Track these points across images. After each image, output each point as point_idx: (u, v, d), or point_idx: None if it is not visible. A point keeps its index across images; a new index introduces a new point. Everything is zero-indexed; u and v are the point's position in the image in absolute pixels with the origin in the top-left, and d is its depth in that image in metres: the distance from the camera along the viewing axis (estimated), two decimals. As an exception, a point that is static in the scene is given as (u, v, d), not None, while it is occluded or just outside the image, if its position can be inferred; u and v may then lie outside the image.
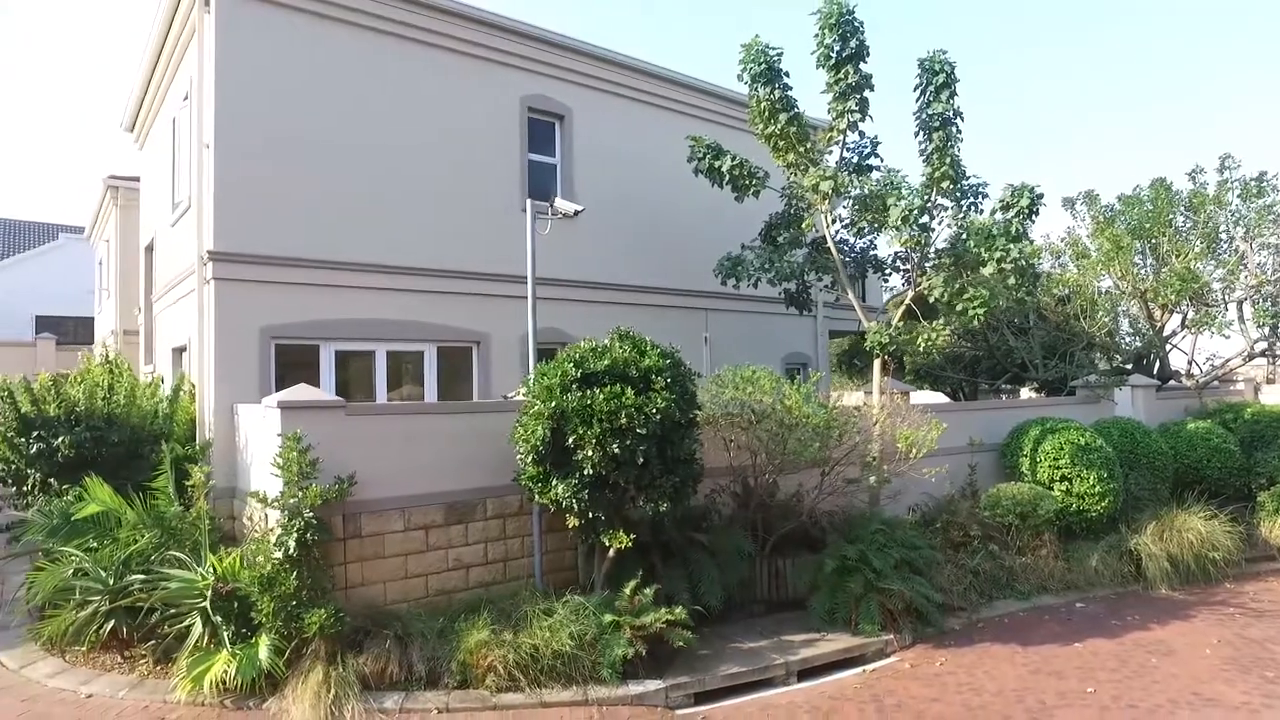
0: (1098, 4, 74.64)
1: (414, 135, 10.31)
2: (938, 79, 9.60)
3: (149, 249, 14.06)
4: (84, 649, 7.29)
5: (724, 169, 10.42)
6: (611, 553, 7.58)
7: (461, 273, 10.49)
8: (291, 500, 6.68)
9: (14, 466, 8.29)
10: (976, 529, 10.08)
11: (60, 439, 8.02)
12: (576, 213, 8.66)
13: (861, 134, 10.21)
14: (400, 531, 7.48)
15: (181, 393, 9.49)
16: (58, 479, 8.13)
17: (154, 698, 6.57)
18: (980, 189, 10.09)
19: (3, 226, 33.39)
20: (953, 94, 9.60)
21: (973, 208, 10.06)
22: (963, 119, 9.71)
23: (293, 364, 9.32)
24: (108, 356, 9.35)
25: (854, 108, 9.64)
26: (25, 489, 8.46)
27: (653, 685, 6.88)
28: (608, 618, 7.05)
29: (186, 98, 10.33)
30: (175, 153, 11.25)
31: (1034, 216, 9.42)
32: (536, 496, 7.35)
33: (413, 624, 7.05)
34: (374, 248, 9.83)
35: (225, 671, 6.43)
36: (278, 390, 8.99)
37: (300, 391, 7.29)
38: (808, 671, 7.59)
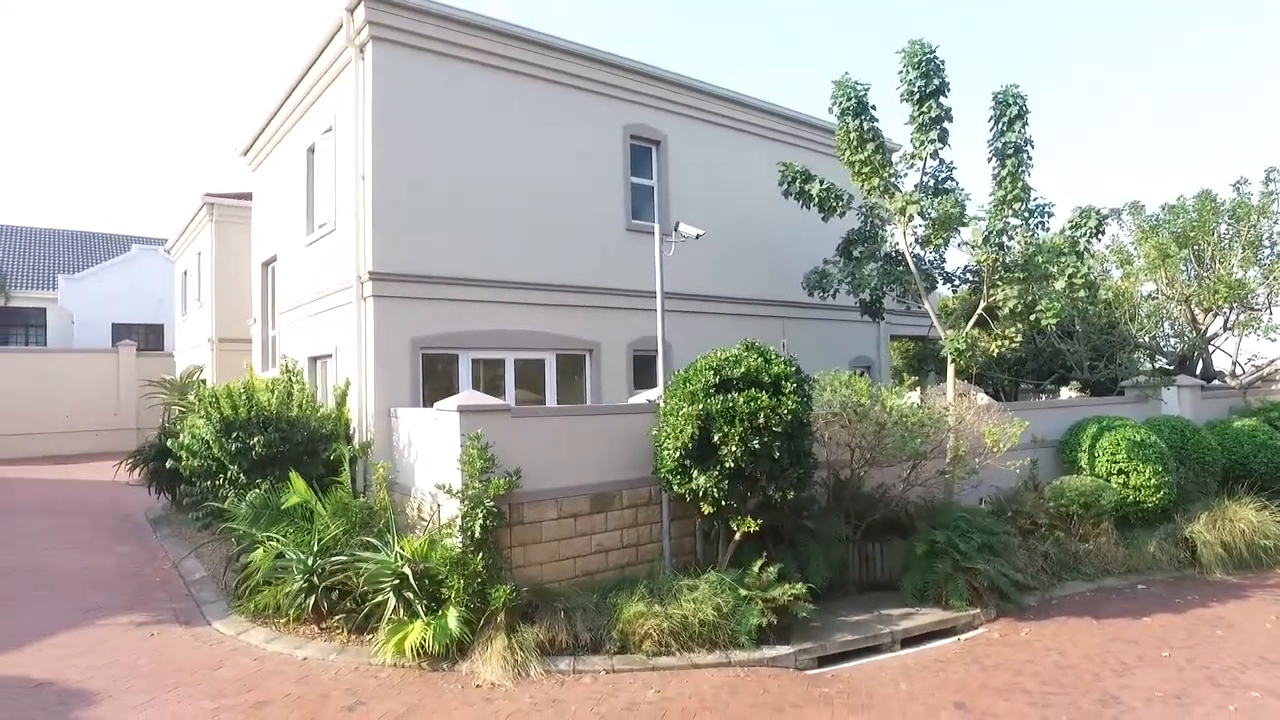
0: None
1: (534, 162, 11.50)
2: (1011, 110, 10.63)
3: (267, 265, 15.29)
4: (285, 620, 8.41)
5: (813, 192, 11.53)
6: (737, 536, 8.65)
7: (576, 287, 11.69)
8: (473, 492, 7.78)
9: (218, 462, 9.50)
10: (1043, 518, 11.02)
11: (255, 439, 9.22)
12: (698, 236, 9.75)
13: (941, 160, 11.24)
14: (554, 519, 8.59)
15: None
16: (249, 474, 9.33)
17: (360, 660, 7.61)
18: (1047, 208, 11.09)
19: (81, 239, 35.08)
20: (1025, 124, 10.61)
21: (1040, 226, 11.06)
22: (1033, 146, 10.72)
23: (434, 371, 10.52)
24: (286, 367, 10.52)
25: (935, 138, 10.67)
26: (219, 483, 9.67)
27: (783, 650, 7.94)
28: (741, 592, 8.13)
29: (329, 130, 11.55)
30: (312, 179, 12.51)
31: (1100, 235, 10.42)
32: (675, 487, 8.44)
33: (572, 599, 8.14)
34: (503, 266, 11.03)
35: (421, 639, 7.43)
36: (424, 395, 10.21)
37: (471, 397, 8.41)
38: (909, 640, 8.61)
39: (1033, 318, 10.52)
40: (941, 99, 10.59)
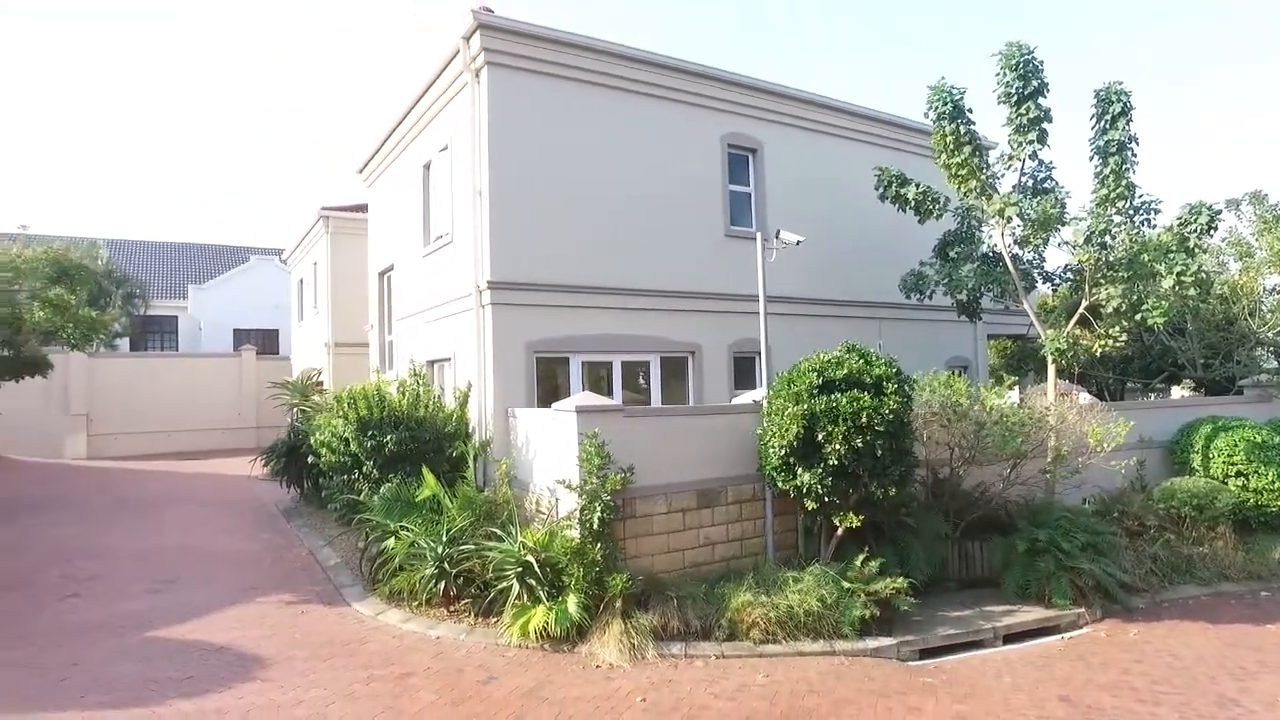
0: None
1: (638, 173, 12.09)
2: (1114, 108, 10.55)
3: (384, 274, 16.39)
4: (417, 603, 9.15)
5: (909, 195, 11.69)
6: (839, 531, 8.97)
7: (678, 292, 12.23)
8: (590, 487, 8.35)
9: (353, 458, 10.43)
10: (1152, 519, 10.87)
11: (388, 437, 10.08)
12: (798, 242, 10.10)
13: (1040, 161, 11.23)
14: (664, 513, 9.09)
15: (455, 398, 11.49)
16: (381, 470, 10.19)
17: (488, 641, 8.25)
18: (1152, 205, 10.94)
19: (207, 251, 37.82)
20: (1129, 121, 10.51)
21: (1146, 223, 10.92)
22: (1137, 143, 10.61)
23: (545, 373, 11.22)
24: (414, 371, 11.40)
25: (1033, 139, 10.69)
26: (354, 477, 10.61)
27: (886, 642, 8.22)
28: (844, 585, 8.45)
29: (445, 148, 12.42)
30: (429, 194, 13.44)
31: (1211, 232, 10.24)
32: (780, 484, 8.83)
33: (682, 588, 8.62)
34: (610, 273, 11.67)
35: (544, 622, 8.01)
36: (539, 397, 10.88)
37: (586, 398, 9.02)
38: (1011, 637, 8.74)
39: (1138, 317, 10.42)
40: (1040, 100, 10.59)
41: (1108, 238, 10.56)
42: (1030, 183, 11.54)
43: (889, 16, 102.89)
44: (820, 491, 8.44)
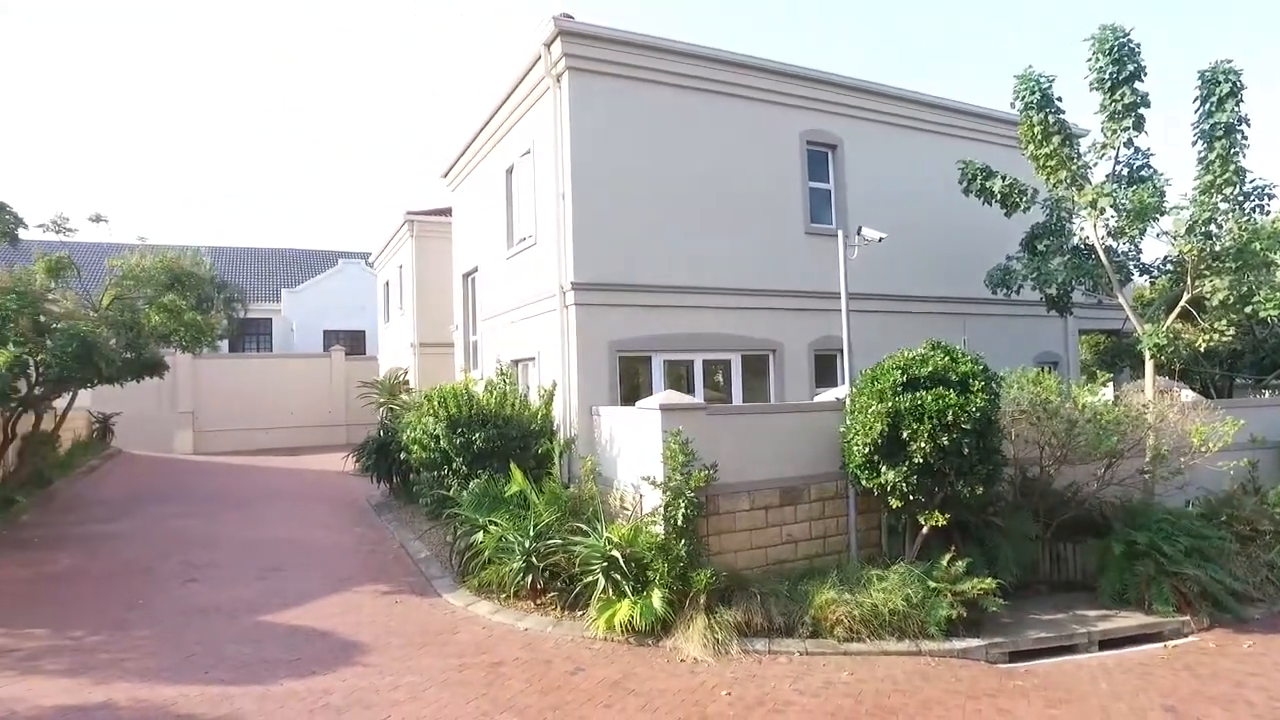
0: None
1: (716, 173, 12.16)
2: (1221, 89, 10.06)
3: (468, 276, 16.89)
4: (505, 596, 9.43)
5: (995, 189, 11.41)
6: (924, 530, 8.85)
7: (758, 290, 12.27)
8: (674, 484, 8.47)
9: (443, 454, 10.83)
10: (1266, 524, 10.27)
11: (476, 434, 10.44)
12: (880, 239, 10.00)
13: (1136, 148, 10.80)
14: (747, 510, 9.15)
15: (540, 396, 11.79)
16: (470, 466, 10.56)
17: (574, 633, 8.43)
18: (1265, 190, 10.37)
19: (297, 256, 39.58)
20: (1239, 101, 10.00)
21: (1258, 210, 10.37)
22: (1248, 125, 10.08)
23: (627, 372, 11.41)
24: (500, 371, 11.78)
25: (1129, 125, 10.28)
26: (444, 473, 11.01)
27: (973, 643, 8.07)
28: (930, 584, 8.34)
29: (527, 152, 12.75)
30: (512, 197, 13.81)
31: (1332, 218, 9.66)
32: (863, 482, 8.78)
33: (765, 585, 8.66)
34: (691, 272, 11.79)
35: (629, 616, 8.16)
36: (622, 395, 11.06)
37: (670, 396, 9.15)
38: (1107, 643, 8.43)
39: (1248, 309, 9.91)
40: (1136, 84, 10.18)
41: (1213, 227, 10.07)
42: (1125, 171, 11.10)
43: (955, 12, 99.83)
44: (905, 490, 8.36)
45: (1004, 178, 11.47)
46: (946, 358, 8.49)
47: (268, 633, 8.40)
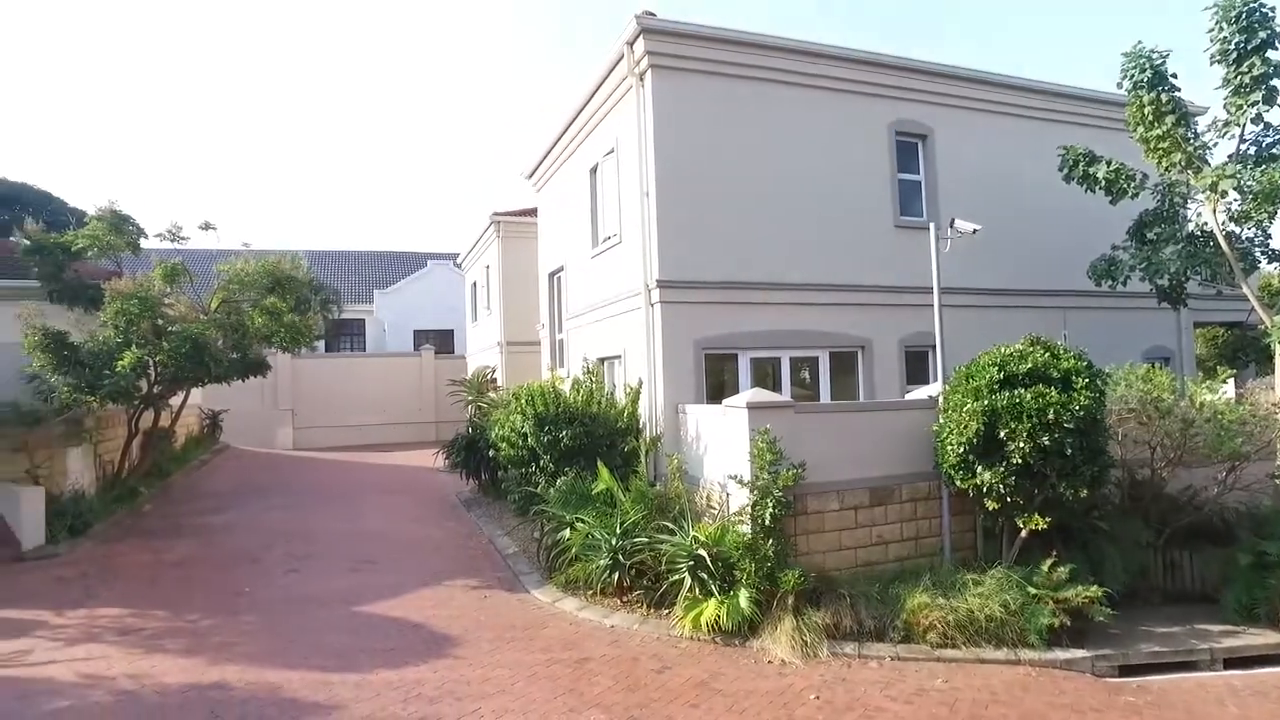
0: None
1: (802, 167, 11.94)
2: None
3: (554, 275, 17.11)
4: (591, 592, 9.47)
5: (1099, 174, 10.80)
6: (1023, 534, 8.46)
7: (846, 286, 11.99)
8: (761, 483, 8.35)
9: (531, 452, 11.00)
10: None
11: (564, 432, 10.57)
12: (975, 231, 9.61)
13: (1265, 124, 10.03)
14: (835, 510, 8.95)
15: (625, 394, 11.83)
16: (557, 464, 10.68)
17: (660, 632, 8.40)
18: None
19: (389, 258, 40.98)
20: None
21: None
22: None
23: (712, 369, 11.32)
24: (587, 369, 11.90)
25: (1257, 99, 9.56)
26: (531, 470, 11.18)
27: (1078, 654, 7.67)
28: (1030, 591, 7.96)
29: (610, 152, 12.82)
30: (596, 196, 13.90)
31: None
32: (958, 483, 8.46)
33: (854, 587, 8.44)
34: (777, 268, 11.62)
35: (716, 615, 8.07)
36: (708, 393, 10.98)
37: (758, 394, 9.02)
38: (1233, 661, 7.88)
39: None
40: (1269, 54, 9.43)
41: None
42: (1253, 150, 10.32)
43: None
44: (1002, 491, 8.02)
45: (1109, 163, 10.83)
46: (1047, 354, 8.11)
47: (363, 623, 8.70)
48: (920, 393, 10.42)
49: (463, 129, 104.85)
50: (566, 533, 9.77)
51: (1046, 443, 7.61)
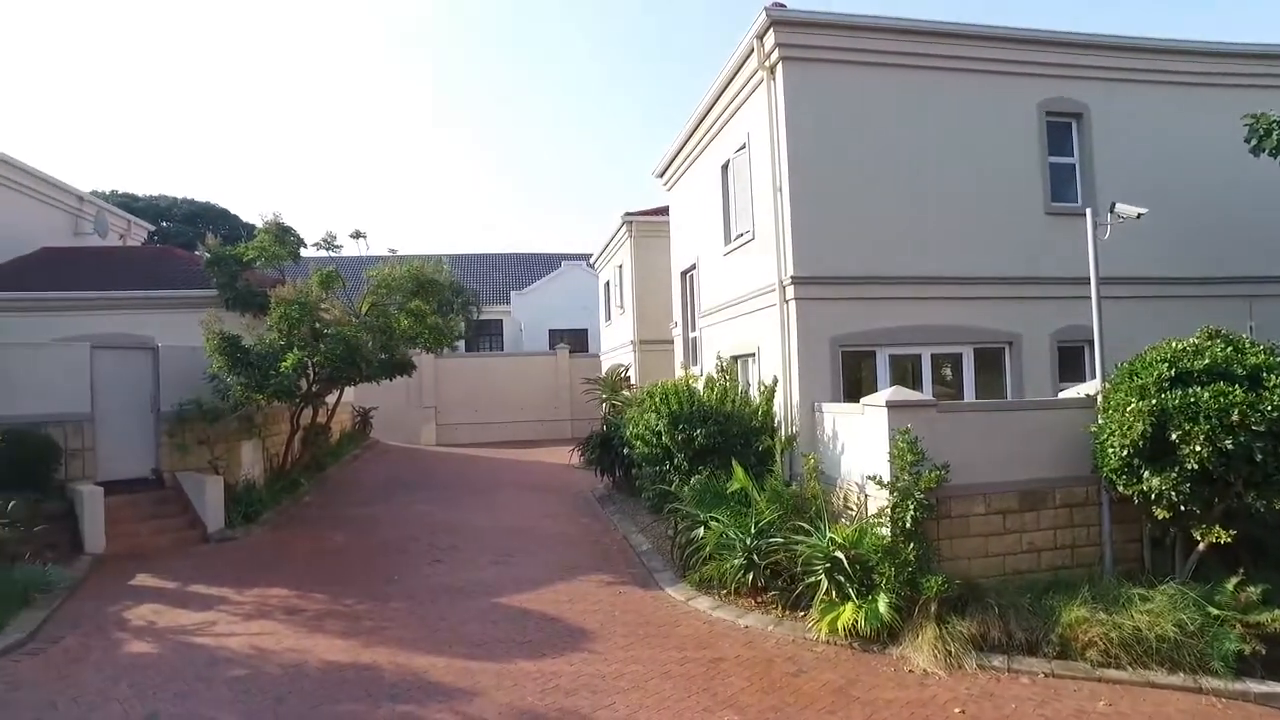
0: None
1: (942, 154, 11.40)
2: None
3: (686, 273, 17.17)
4: (725, 592, 9.41)
5: (1296, 145, 9.65)
6: (1201, 547, 7.72)
7: (993, 278, 11.34)
8: (902, 484, 8.03)
9: (665, 450, 11.10)
10: None
11: (698, 431, 10.58)
12: (1139, 215, 8.87)
13: None
14: (981, 515, 8.48)
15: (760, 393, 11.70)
16: (691, 462, 10.71)
17: (795, 634, 8.23)
18: None
19: (524, 260, 42.51)
20: None
21: None
22: None
23: (849, 367, 11.04)
24: (721, 367, 11.91)
25: None
26: (665, 468, 11.27)
27: (1277, 688, 6.88)
28: (1211, 611, 7.24)
29: (742, 147, 12.71)
30: (729, 193, 13.81)
31: None
32: (1120, 488, 7.83)
33: (1003, 596, 7.96)
34: (916, 261, 11.16)
35: (853, 620, 7.83)
36: (845, 391, 10.70)
37: (898, 392, 8.69)
38: None
39: None
40: None
41: None
42: None
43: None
44: (1174, 499, 7.35)
45: (1307, 130, 9.66)
46: (1229, 348, 7.37)
47: (502, 614, 9.02)
48: (1074, 391, 9.72)
49: (595, 129, 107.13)
50: (700, 531, 9.76)
51: (1230, 446, 6.89)
